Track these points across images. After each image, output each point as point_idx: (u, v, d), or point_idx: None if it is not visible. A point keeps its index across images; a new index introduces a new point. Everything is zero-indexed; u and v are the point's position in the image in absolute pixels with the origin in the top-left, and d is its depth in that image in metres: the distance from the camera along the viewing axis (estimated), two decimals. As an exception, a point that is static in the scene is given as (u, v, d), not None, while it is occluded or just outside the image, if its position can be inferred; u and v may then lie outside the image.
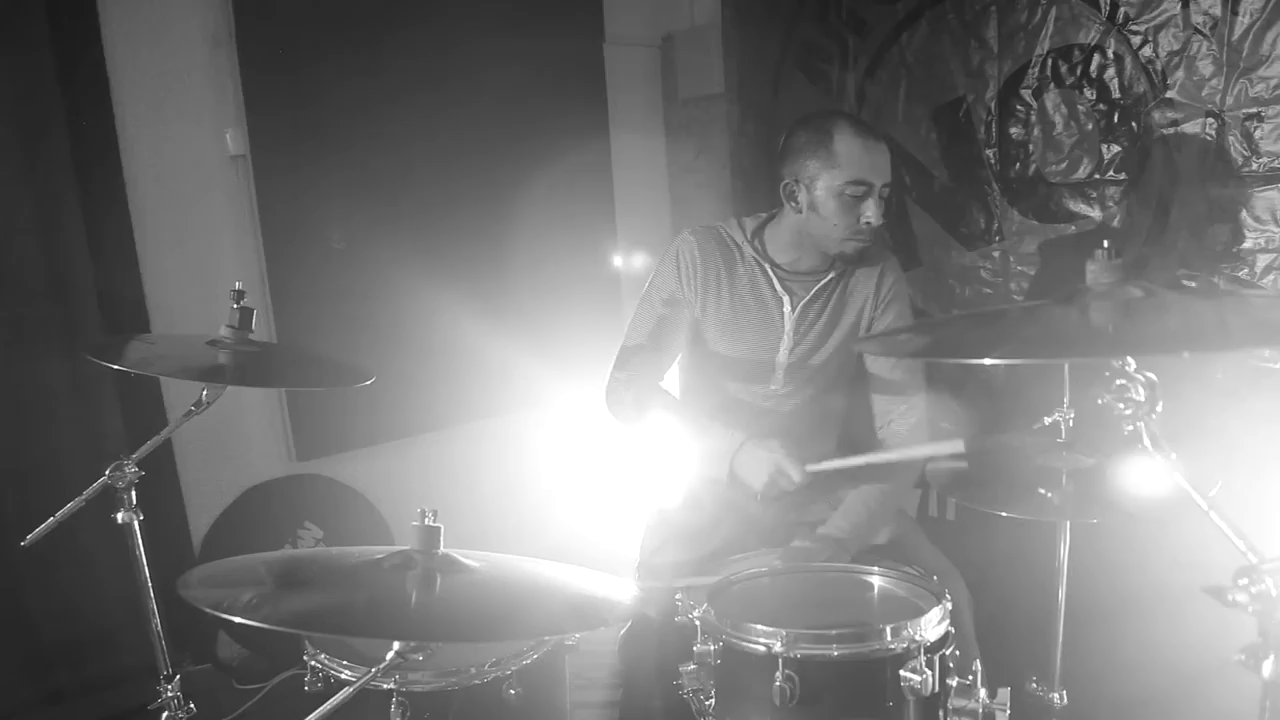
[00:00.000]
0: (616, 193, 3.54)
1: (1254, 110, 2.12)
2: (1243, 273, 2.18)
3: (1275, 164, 2.11)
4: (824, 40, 2.92)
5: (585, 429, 3.26)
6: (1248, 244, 2.17)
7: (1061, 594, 1.50)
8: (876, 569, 1.54)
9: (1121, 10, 2.28)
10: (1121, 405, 0.98)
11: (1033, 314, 1.04)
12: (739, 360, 1.99)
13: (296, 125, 2.81)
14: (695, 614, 1.42)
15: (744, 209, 2.85)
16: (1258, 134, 2.12)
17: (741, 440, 1.84)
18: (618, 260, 3.56)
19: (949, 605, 1.34)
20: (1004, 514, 1.42)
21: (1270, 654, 0.91)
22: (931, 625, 1.30)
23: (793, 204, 1.92)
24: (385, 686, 1.32)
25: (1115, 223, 2.37)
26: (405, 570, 1.21)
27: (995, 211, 2.60)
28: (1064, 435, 1.43)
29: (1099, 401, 0.98)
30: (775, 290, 1.98)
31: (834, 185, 1.85)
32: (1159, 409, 0.99)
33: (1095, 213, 2.40)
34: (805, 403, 2.02)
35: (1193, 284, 2.26)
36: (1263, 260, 2.15)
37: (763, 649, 1.30)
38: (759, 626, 1.31)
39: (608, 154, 3.52)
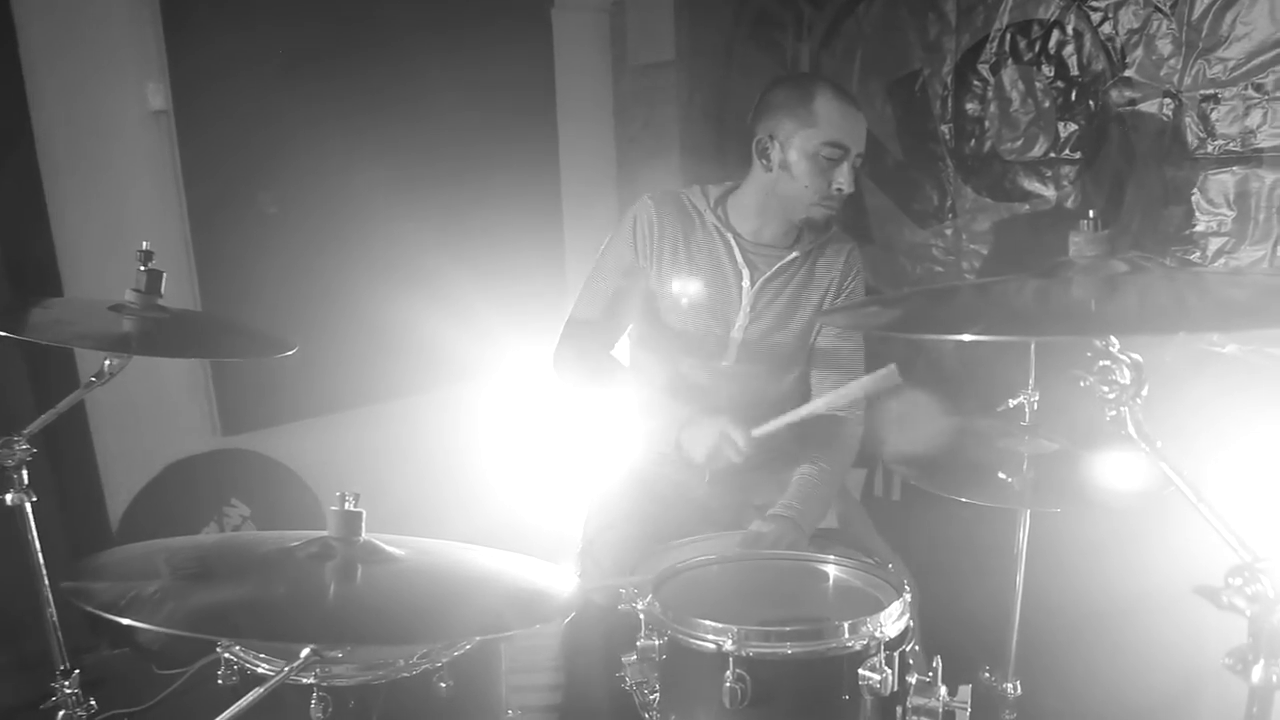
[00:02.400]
0: (562, 162, 3.40)
1: (1211, 91, 2.07)
2: (1194, 255, 2.14)
3: (1230, 147, 2.06)
4: (778, 9, 2.81)
5: (528, 404, 3.13)
6: (1200, 227, 2.12)
7: (1019, 582, 1.43)
8: (832, 557, 1.44)
9: (1082, -15, 2.21)
10: (1105, 389, 0.89)
11: (1011, 289, 0.95)
12: (692, 334, 1.89)
13: (224, 80, 2.61)
14: (640, 605, 1.31)
15: (692, 182, 2.74)
16: (1214, 115, 2.07)
17: (689, 413, 1.75)
18: (562, 231, 3.43)
19: (909, 598, 1.26)
20: (963, 499, 1.34)
21: (1261, 658, 0.84)
22: (891, 620, 1.21)
23: (764, 161, 1.84)
24: (305, 681, 1.20)
25: (1070, 203, 2.31)
26: (323, 560, 1.08)
27: (949, 189, 2.53)
28: (1027, 418, 1.36)
29: (1081, 384, 0.90)
30: (736, 262, 1.88)
31: (809, 145, 1.77)
32: (1144, 393, 0.91)
33: (1050, 192, 2.33)
34: (757, 381, 1.92)
35: (1146, 265, 2.21)
36: (1214, 243, 2.10)
37: (712, 647, 1.19)
38: (708, 622, 1.21)
39: (554, 122, 3.38)
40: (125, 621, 0.87)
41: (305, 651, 0.98)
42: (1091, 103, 2.23)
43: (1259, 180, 2.03)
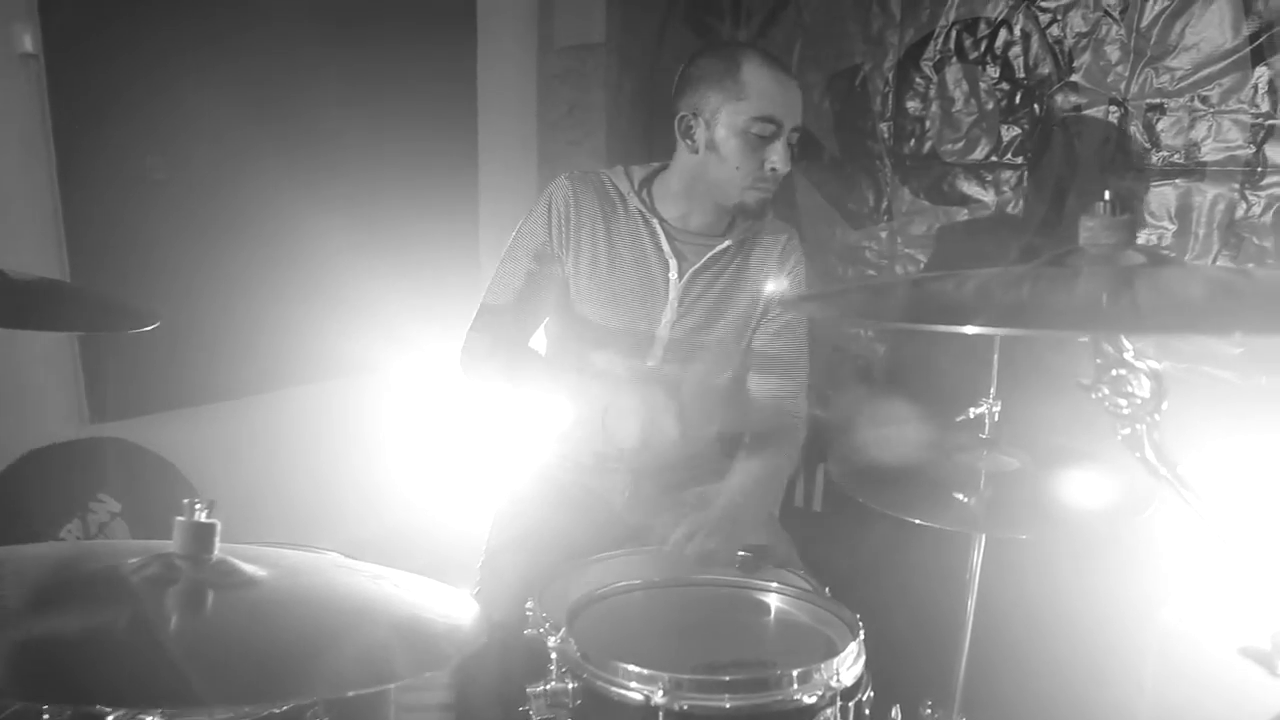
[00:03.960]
0: (480, 145, 3.18)
1: (1157, 101, 1.99)
2: (1135, 269, 2.06)
3: (1174, 158, 1.98)
4: (716, -7, 2.66)
5: (433, 398, 2.90)
6: (1141, 239, 2.04)
7: (970, 607, 1.29)
8: (774, 585, 1.27)
9: (1032, -15, 2.11)
10: (1122, 402, 0.74)
11: (1010, 279, 0.80)
12: (614, 330, 1.71)
13: (109, 26, 2.31)
14: (551, 640, 1.12)
15: (620, 170, 2.58)
16: (1159, 126, 1.99)
17: (619, 389, 1.55)
18: (477, 219, 3.21)
19: (863, 636, 1.10)
20: (916, 521, 1.19)
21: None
22: (846, 666, 1.05)
23: (688, 142, 1.64)
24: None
25: (1010, 209, 2.21)
26: (164, 584, 0.86)
27: (886, 189, 2.40)
28: (987, 431, 1.21)
29: (1094, 396, 0.75)
30: (662, 251, 1.70)
31: (738, 121, 1.58)
32: (1164, 408, 0.76)
33: (990, 197, 2.23)
34: (687, 383, 1.75)
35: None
36: (1156, 257, 2.02)
37: (638, 698, 1.01)
38: (633, 668, 1.03)
39: (473, 101, 3.15)
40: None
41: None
42: (1036, 106, 2.13)
43: (1201, 194, 1.96)
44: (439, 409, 2.90)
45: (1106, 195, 0.78)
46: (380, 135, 2.84)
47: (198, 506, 0.89)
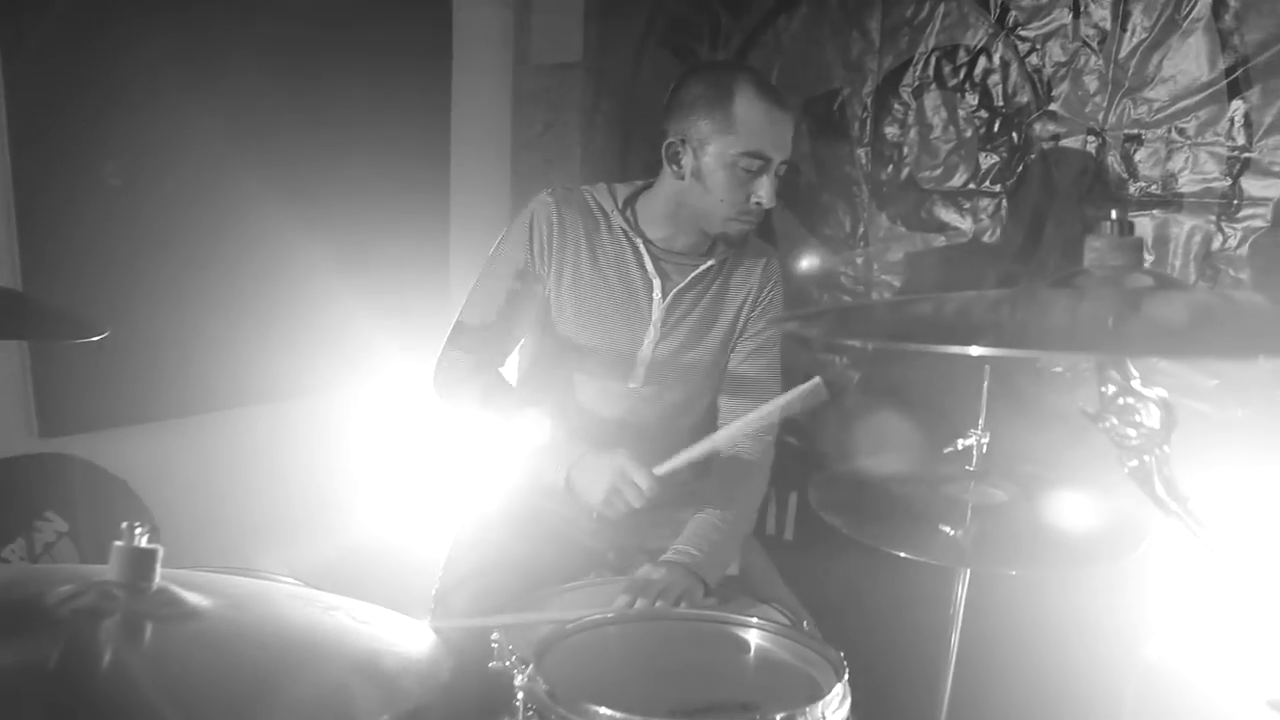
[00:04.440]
0: (453, 160, 3.12)
1: (1135, 132, 1.98)
2: (1111, 299, 2.04)
3: (1151, 189, 1.97)
4: (695, 15, 2.63)
5: (395, 419, 2.82)
6: (1117, 270, 2.02)
7: (954, 644, 1.24)
8: (754, 621, 1.20)
9: (1012, 14, 2.10)
10: (1131, 432, 0.70)
11: (1013, 300, 0.76)
12: (595, 350, 1.65)
13: (67, 26, 2.23)
14: (517, 679, 1.05)
15: (595, 189, 2.54)
16: (1137, 156, 1.98)
17: (583, 450, 1.50)
18: (448, 239, 3.14)
19: (848, 676, 1.04)
20: (902, 554, 1.14)
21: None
22: (832, 710, 0.98)
23: (674, 168, 1.60)
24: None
25: (987, 237, 2.19)
26: (98, 616, 0.79)
27: (862, 215, 2.38)
28: (974, 463, 1.17)
29: (1101, 426, 0.70)
30: (646, 271, 1.65)
31: (726, 154, 1.54)
32: (1172, 440, 0.72)
33: (967, 224, 2.21)
34: (668, 406, 1.69)
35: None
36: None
37: (613, 745, 0.94)
38: (604, 710, 0.96)
39: (447, 118, 3.09)
40: None
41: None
42: (1014, 135, 2.12)
43: (1178, 225, 1.95)
44: (401, 431, 2.82)
45: (1114, 214, 0.74)
46: (349, 148, 2.77)
47: (138, 530, 0.81)
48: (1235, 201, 1.86)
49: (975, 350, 0.65)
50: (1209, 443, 1.91)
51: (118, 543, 0.81)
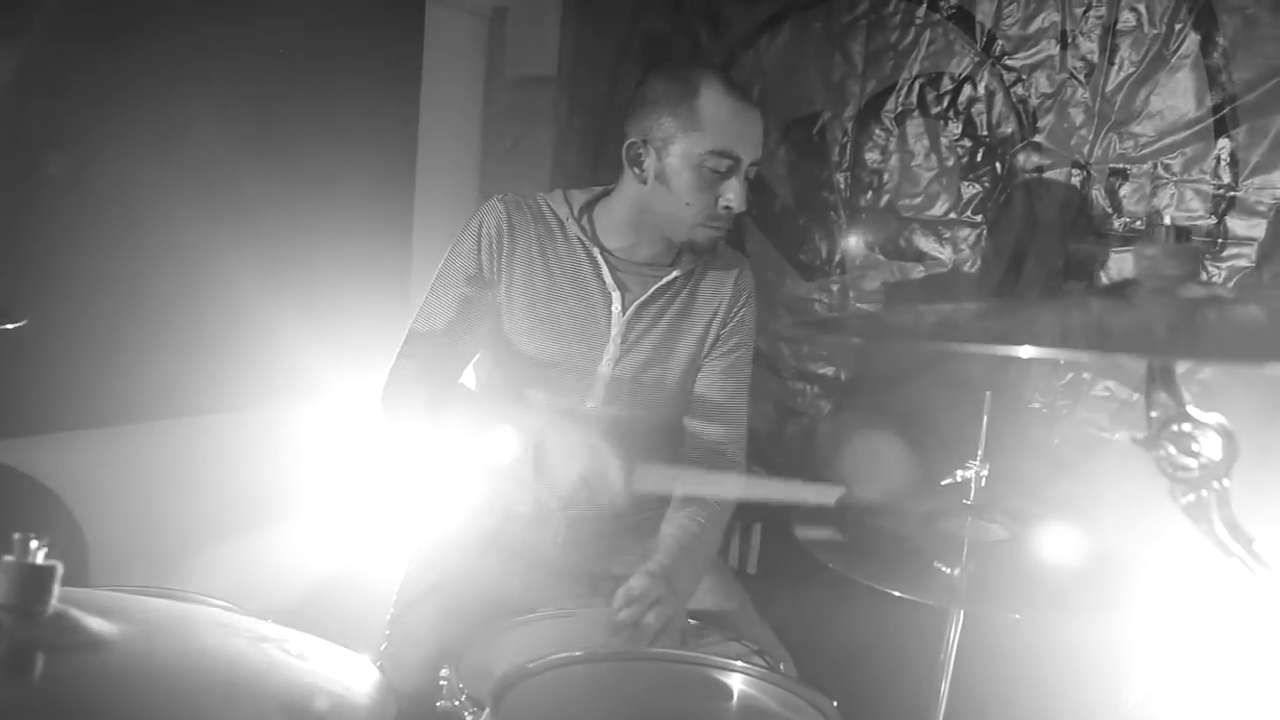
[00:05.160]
0: (419, 172, 3.01)
1: (1120, 166, 1.94)
2: (1092, 336, 1.98)
3: (1136, 224, 1.92)
4: (674, 33, 2.56)
5: (347, 434, 2.68)
6: (1098, 306, 1.97)
7: (944, 691, 1.14)
8: (738, 664, 1.09)
9: (999, 44, 2.05)
10: (1190, 463, 0.61)
11: (1052, 308, 0.68)
12: (549, 365, 1.53)
13: (10, 9, 2.10)
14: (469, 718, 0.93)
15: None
16: (1122, 191, 1.94)
17: (546, 422, 1.33)
18: (410, 254, 3.02)
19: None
20: (895, 593, 1.04)
21: None
22: (829, 768, 0.88)
23: (636, 170, 1.48)
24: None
25: (967, 267, 2.13)
26: (-21, 643, 0.66)
27: (839, 241, 2.31)
28: (972, 496, 1.08)
29: (1158, 455, 0.61)
30: (604, 283, 1.53)
31: (692, 153, 1.43)
32: (1232, 474, 0.64)
33: (946, 254, 2.15)
34: (630, 429, 1.57)
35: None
36: (1114, 325, 1.96)
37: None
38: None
39: (414, 128, 2.98)
40: None
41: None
42: (998, 165, 2.07)
43: (1162, 263, 1.90)
44: (355, 449, 2.67)
45: (1168, 219, 0.67)
46: (309, 154, 2.65)
47: (33, 543, 0.69)
48: (1220, 240, 1.82)
49: (1027, 351, 0.56)
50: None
51: (7, 558, 0.68)
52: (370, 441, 2.58)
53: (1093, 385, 1.99)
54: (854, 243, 2.26)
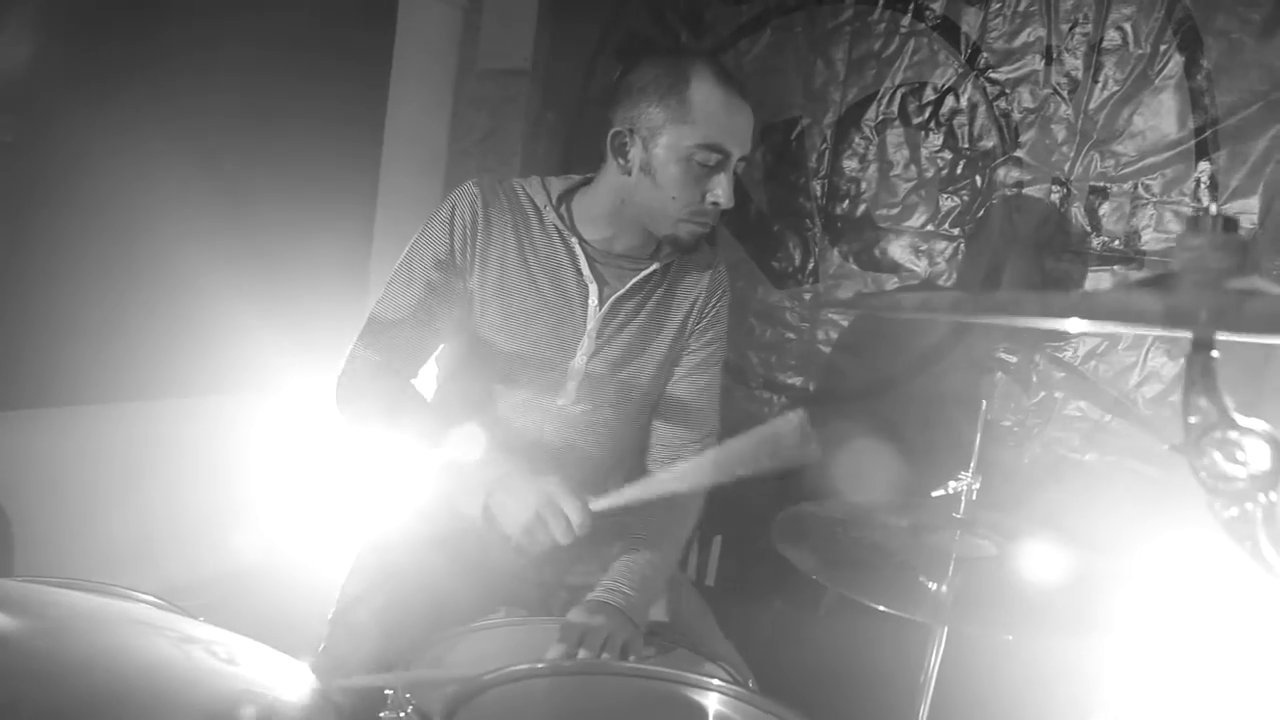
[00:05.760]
0: (384, 161, 2.91)
1: (1101, 185, 1.91)
2: (1066, 355, 1.95)
3: (1114, 244, 1.89)
4: (653, 31, 2.49)
5: (294, 425, 2.56)
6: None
7: (923, 714, 1.08)
8: (714, 683, 1.01)
9: (983, 56, 2.02)
10: (1236, 473, 0.55)
11: (1091, 296, 0.62)
12: (522, 359, 1.45)
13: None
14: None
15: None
16: (1101, 210, 1.91)
17: (507, 470, 1.29)
18: (370, 246, 2.91)
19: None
20: (880, 608, 0.97)
21: None
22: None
23: (620, 160, 1.41)
24: None
25: (943, 280, 2.08)
26: None
27: (813, 250, 2.25)
28: (962, 510, 1.02)
29: (1199, 464, 0.55)
30: (581, 275, 1.46)
31: (681, 146, 1.36)
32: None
33: (922, 266, 2.10)
34: (601, 428, 1.49)
35: (1013, 359, 2.00)
36: (1088, 344, 1.92)
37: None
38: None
39: (382, 114, 2.88)
40: None
41: None
42: (977, 179, 2.03)
43: (1139, 284, 1.87)
44: (302, 443, 2.56)
45: (1213, 209, 0.61)
46: (272, 135, 2.54)
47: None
48: (1198, 263, 1.79)
49: (1074, 325, 0.51)
50: (1159, 509, 1.83)
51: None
52: (322, 435, 2.47)
53: (1064, 405, 1.95)
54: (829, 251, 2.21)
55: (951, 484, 1.03)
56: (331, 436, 2.47)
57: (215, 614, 0.94)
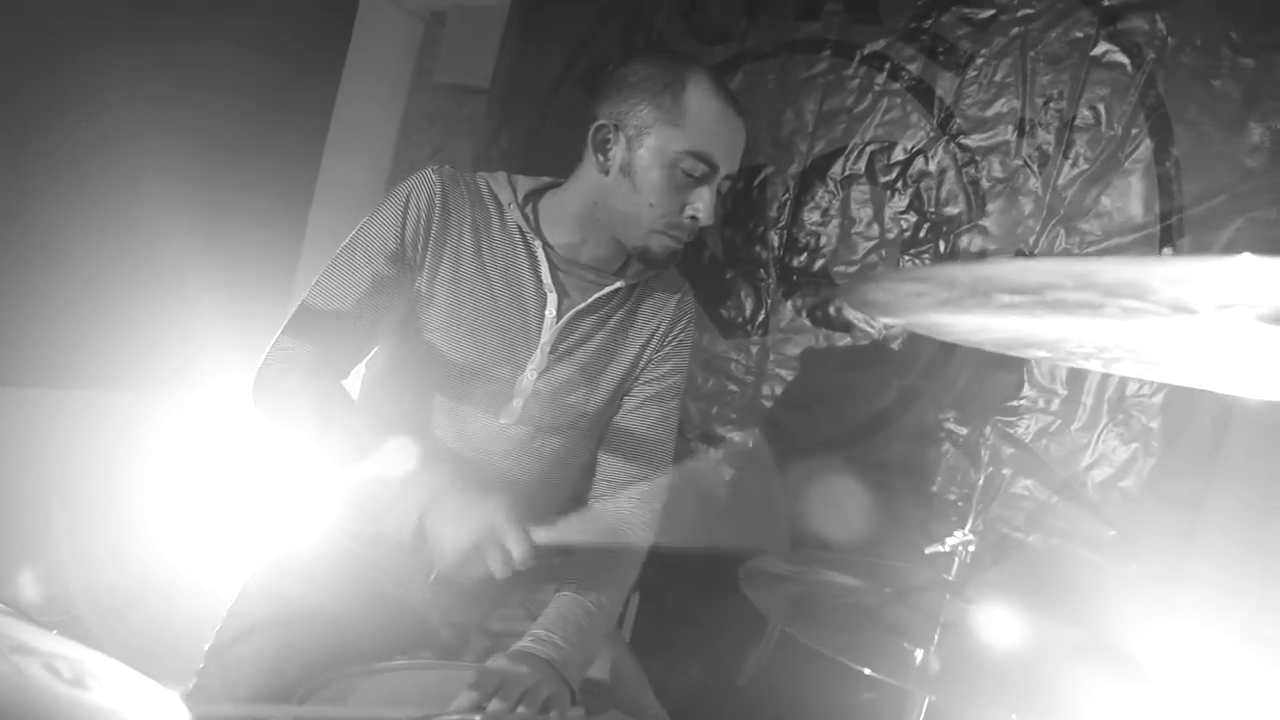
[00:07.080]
0: (324, 166, 2.74)
1: (1062, 262, 1.87)
2: (1017, 430, 1.88)
3: (1071, 323, 1.85)
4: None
5: (200, 432, 2.33)
6: (1024, 401, 1.88)
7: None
8: None
9: (956, 121, 1.98)
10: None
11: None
12: (466, 369, 1.29)
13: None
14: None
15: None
16: (1061, 287, 1.86)
17: (445, 489, 1.13)
18: (300, 251, 2.73)
19: None
20: (868, 671, 0.84)
21: None
22: None
23: (600, 157, 1.29)
24: None
25: (895, 344, 2.01)
26: None
27: (766, 301, 2.16)
28: (954, 572, 0.90)
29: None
30: (541, 282, 1.32)
31: (667, 150, 1.25)
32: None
33: (876, 327, 2.03)
34: (545, 456, 1.34)
35: (963, 431, 1.93)
36: (1040, 421, 1.86)
37: None
38: None
39: (326, 120, 2.73)
40: None
41: None
42: (941, 244, 1.97)
43: (1094, 365, 1.82)
44: (205, 446, 2.32)
45: None
46: (216, 133, 2.37)
47: None
48: (1155, 349, 1.75)
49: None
50: (1101, 595, 1.76)
51: None
52: (232, 438, 2.24)
53: (1012, 483, 1.88)
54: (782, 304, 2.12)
55: (949, 540, 0.92)
56: (241, 440, 2.25)
57: (82, 628, 0.76)
